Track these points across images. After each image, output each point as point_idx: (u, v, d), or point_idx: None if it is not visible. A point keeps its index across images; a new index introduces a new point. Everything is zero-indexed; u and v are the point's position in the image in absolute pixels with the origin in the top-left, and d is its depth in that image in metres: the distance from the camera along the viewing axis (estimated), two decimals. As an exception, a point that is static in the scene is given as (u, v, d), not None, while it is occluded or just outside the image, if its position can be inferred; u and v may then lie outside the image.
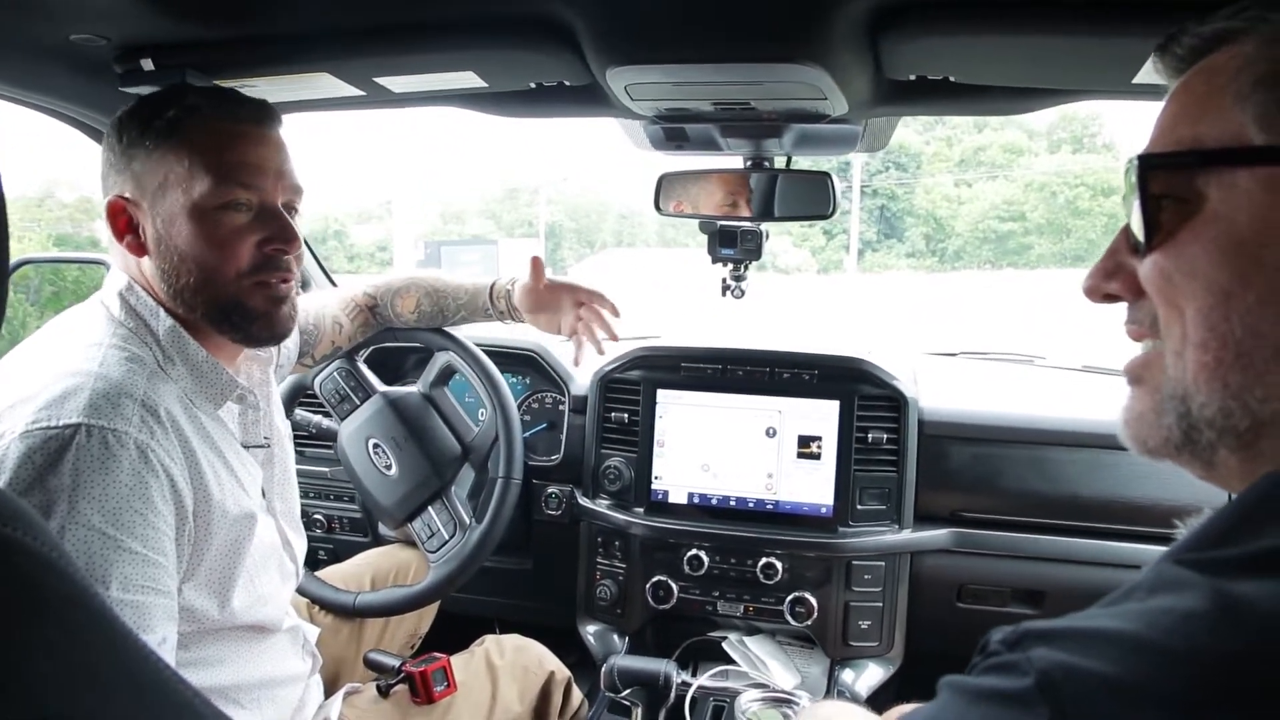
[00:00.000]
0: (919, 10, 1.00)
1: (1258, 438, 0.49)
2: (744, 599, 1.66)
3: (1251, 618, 0.38)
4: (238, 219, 1.03)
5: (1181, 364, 0.51)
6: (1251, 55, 0.50)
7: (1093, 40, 1.01)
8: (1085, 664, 0.39)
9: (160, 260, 1.03)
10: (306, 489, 1.93)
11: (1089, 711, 0.38)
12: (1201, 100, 0.52)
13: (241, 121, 1.05)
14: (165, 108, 1.03)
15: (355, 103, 1.38)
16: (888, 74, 1.18)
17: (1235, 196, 0.49)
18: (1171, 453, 0.54)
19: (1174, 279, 0.51)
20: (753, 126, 1.42)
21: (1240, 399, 0.49)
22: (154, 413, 0.94)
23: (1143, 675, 0.38)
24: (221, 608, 1.03)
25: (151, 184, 1.02)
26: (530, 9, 1.06)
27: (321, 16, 1.12)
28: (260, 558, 1.09)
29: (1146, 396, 0.55)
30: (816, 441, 1.64)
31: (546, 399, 1.92)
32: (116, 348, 0.98)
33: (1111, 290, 0.57)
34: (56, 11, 1.04)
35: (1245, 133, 0.49)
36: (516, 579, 1.91)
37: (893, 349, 1.94)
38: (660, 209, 1.58)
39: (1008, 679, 0.41)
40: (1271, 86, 0.48)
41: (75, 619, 0.42)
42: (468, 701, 1.40)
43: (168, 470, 0.93)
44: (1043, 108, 1.32)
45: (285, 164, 1.08)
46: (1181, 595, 0.40)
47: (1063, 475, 1.60)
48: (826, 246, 34.46)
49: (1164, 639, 0.38)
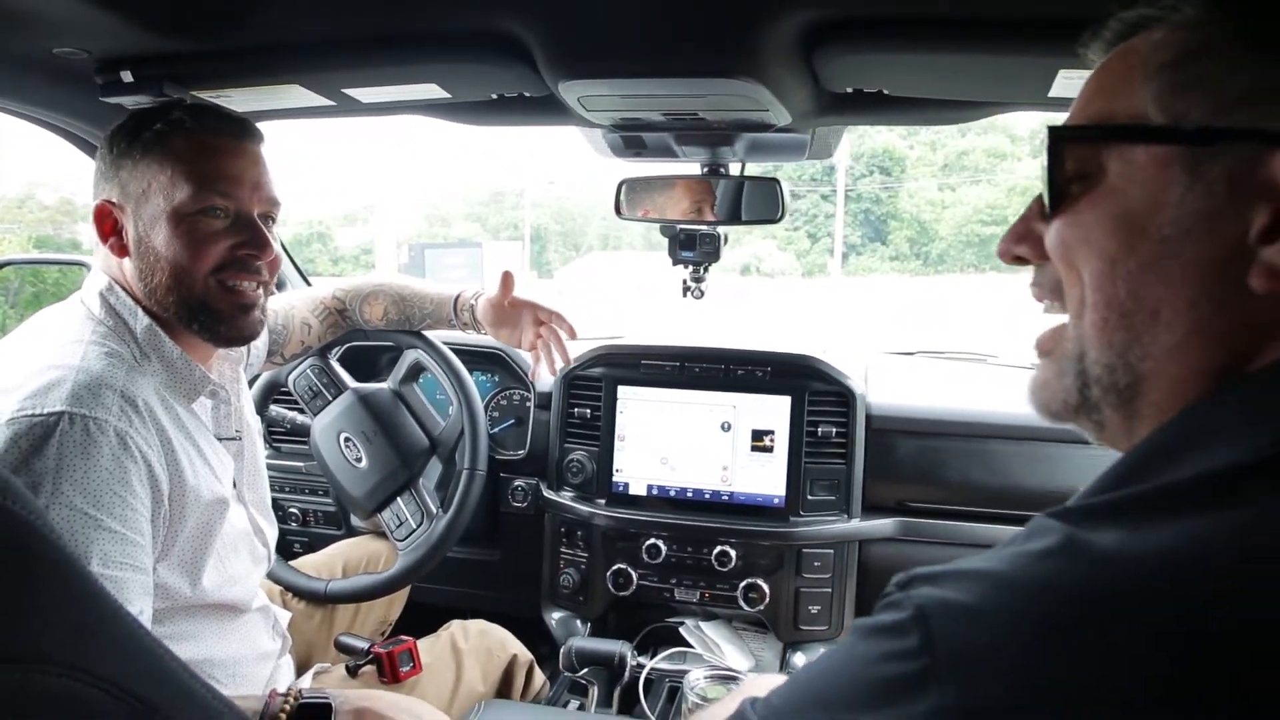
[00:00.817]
0: (849, 29, 1.07)
1: (1135, 395, 0.53)
2: (700, 585, 1.73)
3: (1090, 555, 0.42)
4: (214, 224, 1.10)
5: (1080, 324, 0.55)
6: (1161, 41, 0.53)
7: (1010, 59, 1.08)
8: (953, 597, 0.44)
9: (138, 260, 1.09)
10: (282, 483, 1.99)
11: (951, 636, 0.42)
12: (1115, 80, 0.55)
13: (222, 135, 1.12)
14: (153, 121, 1.10)
15: (326, 112, 1.44)
16: (825, 87, 1.25)
17: (1131, 171, 0.52)
18: (1070, 415, 0.58)
19: (1072, 245, 0.55)
20: (705, 135, 1.49)
21: (1124, 357, 0.53)
22: (133, 403, 1.01)
23: (998, 605, 0.42)
24: (193, 586, 1.09)
25: (136, 190, 1.08)
26: (487, 26, 1.13)
27: (291, 31, 1.18)
28: (231, 541, 1.15)
29: (1052, 364, 0.59)
30: (769, 435, 1.72)
31: (514, 396, 1.99)
32: (96, 344, 1.04)
33: (1020, 253, 0.61)
34: (40, 27, 1.10)
35: (1146, 112, 0.52)
36: (485, 569, 1.98)
37: (846, 348, 2.02)
38: (621, 213, 1.66)
39: (892, 614, 0.46)
40: (1173, 70, 0.51)
41: (61, 580, 0.47)
42: (433, 682, 1.47)
43: (145, 456, 0.99)
44: (975, 118, 1.40)
45: (263, 177, 1.14)
46: (1042, 539, 0.44)
47: (1004, 467, 1.69)
48: (811, 250, 34.63)
49: (1018, 574, 0.43)
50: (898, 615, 0.45)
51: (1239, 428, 0.47)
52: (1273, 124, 0.47)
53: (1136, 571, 0.41)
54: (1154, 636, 0.39)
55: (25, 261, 2.94)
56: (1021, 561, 0.44)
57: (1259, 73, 0.49)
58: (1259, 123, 0.48)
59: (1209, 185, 0.49)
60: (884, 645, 0.45)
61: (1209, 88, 0.50)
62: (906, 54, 1.10)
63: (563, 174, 39.03)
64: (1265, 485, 0.42)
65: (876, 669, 0.44)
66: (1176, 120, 0.51)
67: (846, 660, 0.47)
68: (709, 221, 1.62)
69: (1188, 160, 0.50)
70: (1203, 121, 0.50)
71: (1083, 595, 0.41)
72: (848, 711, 0.45)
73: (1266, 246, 0.47)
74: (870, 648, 0.46)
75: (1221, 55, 0.50)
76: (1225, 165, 0.49)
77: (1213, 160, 0.49)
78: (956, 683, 0.41)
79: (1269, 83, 0.48)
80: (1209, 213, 0.49)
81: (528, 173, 41.15)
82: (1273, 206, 0.47)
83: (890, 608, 0.46)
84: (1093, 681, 0.39)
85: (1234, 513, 0.41)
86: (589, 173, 38.26)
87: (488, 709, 1.25)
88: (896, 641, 0.44)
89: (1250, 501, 0.42)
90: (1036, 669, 0.40)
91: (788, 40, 1.09)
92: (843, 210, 33.35)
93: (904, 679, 0.43)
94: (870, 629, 0.47)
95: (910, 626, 0.44)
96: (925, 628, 0.43)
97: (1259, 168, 0.47)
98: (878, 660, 0.45)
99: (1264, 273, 0.47)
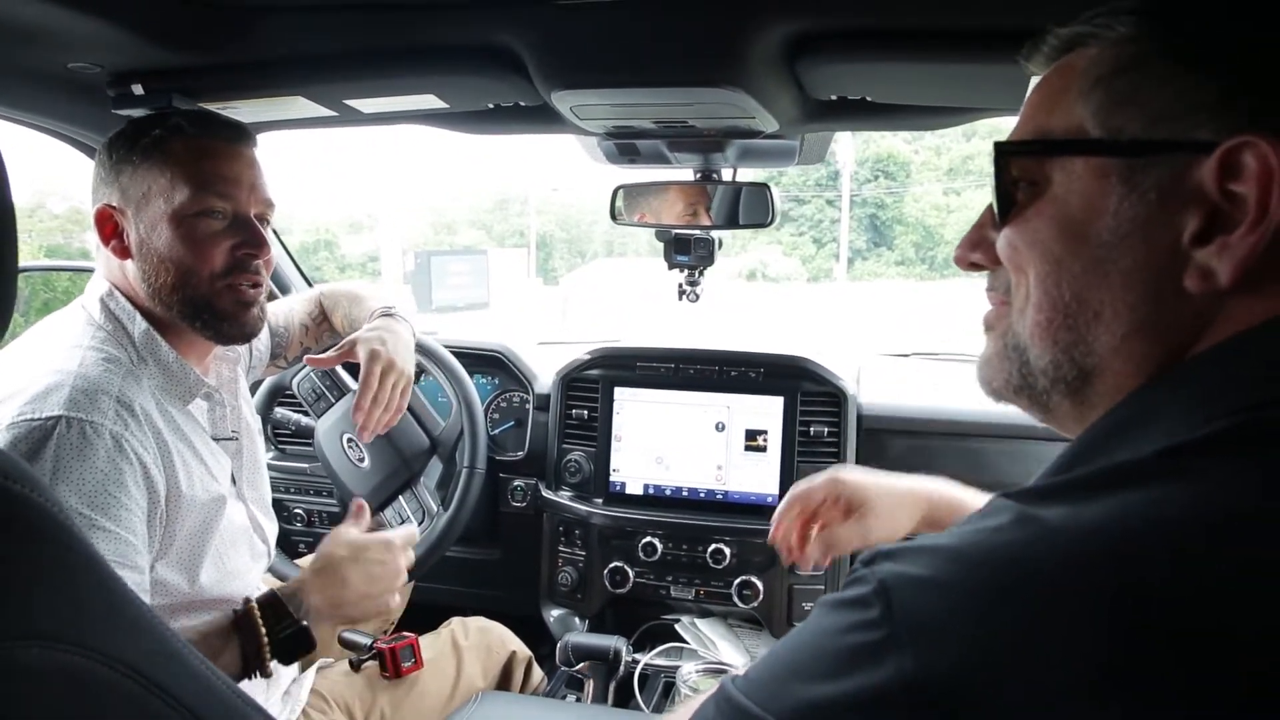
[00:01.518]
0: (830, 39, 1.10)
1: (1084, 385, 0.57)
2: (695, 583, 1.77)
3: (1037, 526, 0.44)
4: (213, 225, 1.14)
5: (1024, 321, 0.58)
6: (1095, 58, 0.56)
7: (986, 66, 1.12)
8: (911, 570, 0.46)
9: (141, 262, 1.13)
10: (288, 484, 2.03)
11: (909, 607, 0.45)
12: (1054, 95, 0.58)
13: (219, 140, 1.16)
14: (151, 127, 1.14)
15: (328, 122, 1.48)
16: (810, 94, 1.29)
17: (1072, 181, 0.55)
18: (1012, 395, 0.62)
19: (1020, 249, 0.58)
20: (696, 142, 1.52)
21: (1068, 354, 0.56)
22: (129, 408, 1.04)
23: (950, 575, 0.45)
24: (191, 583, 1.11)
25: (136, 194, 1.12)
26: (482, 39, 1.17)
27: (295, 46, 1.22)
28: (230, 538, 1.18)
29: (995, 342, 0.62)
30: (762, 435, 1.76)
31: (514, 398, 2.03)
32: (94, 349, 1.08)
33: (975, 259, 0.64)
34: (56, 43, 1.14)
35: (1084, 126, 0.55)
36: (485, 568, 2.02)
37: (841, 350, 2.05)
38: (616, 219, 1.69)
39: (857, 588, 0.48)
40: (1107, 86, 0.54)
41: (69, 561, 0.50)
42: (434, 678, 1.50)
43: (141, 459, 1.03)
44: (957, 123, 1.44)
45: (258, 179, 1.18)
46: (996, 517, 0.47)
47: (991, 464, 1.72)
48: (816, 255, 34.57)
49: (969, 547, 0.46)
50: (861, 589, 0.48)
51: (1178, 409, 0.50)
52: (1200, 135, 0.50)
53: (1078, 539, 0.43)
54: (1095, 600, 0.41)
55: (38, 268, 2.98)
56: (974, 536, 0.47)
57: (1186, 86, 0.51)
58: (1187, 134, 0.51)
59: (1143, 194, 0.52)
60: (849, 617, 0.47)
61: (1140, 102, 0.53)
62: (887, 63, 1.13)
63: (567, 180, 39.08)
64: (1200, 460, 0.45)
65: (842, 639, 0.47)
66: (1112, 134, 0.54)
67: (815, 633, 0.50)
68: (703, 226, 1.65)
69: (1123, 171, 0.53)
70: (1136, 134, 0.53)
71: (1027, 562, 0.44)
72: (817, 680, 0.47)
73: (1199, 249, 0.50)
74: (836, 620, 0.48)
75: (1151, 71, 0.53)
76: (1158, 175, 0.52)
77: (1146, 170, 0.52)
78: (914, 651, 0.43)
79: (1196, 96, 0.51)
80: (1145, 219, 0.52)
81: (533, 179, 41.20)
82: (1202, 212, 0.50)
83: (855, 583, 0.49)
84: (1038, 643, 0.41)
85: (1170, 486, 0.44)
86: (593, 179, 38.35)
87: (485, 700, 1.29)
88: (860, 613, 0.47)
89: (1185, 475, 0.45)
90: (985, 633, 0.43)
91: (771, 51, 1.12)
92: (848, 215, 33.33)
93: (867, 648, 0.45)
94: (836, 603, 0.50)
95: (872, 599, 0.46)
96: (886, 599, 0.46)
97: (1189, 176, 0.51)
98: (843, 631, 0.47)
99: (1197, 274, 0.51)
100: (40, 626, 0.46)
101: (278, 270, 2.03)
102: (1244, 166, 0.49)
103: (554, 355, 2.06)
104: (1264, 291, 0.50)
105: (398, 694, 1.43)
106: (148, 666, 0.52)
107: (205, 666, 0.58)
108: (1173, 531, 0.42)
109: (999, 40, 1.06)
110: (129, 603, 0.54)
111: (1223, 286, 0.50)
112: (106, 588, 0.52)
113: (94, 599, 0.51)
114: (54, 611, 0.48)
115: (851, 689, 0.45)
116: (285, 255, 2.07)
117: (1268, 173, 0.48)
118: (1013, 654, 0.42)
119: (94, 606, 0.51)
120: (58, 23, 1.06)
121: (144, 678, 0.51)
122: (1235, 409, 0.47)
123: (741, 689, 0.51)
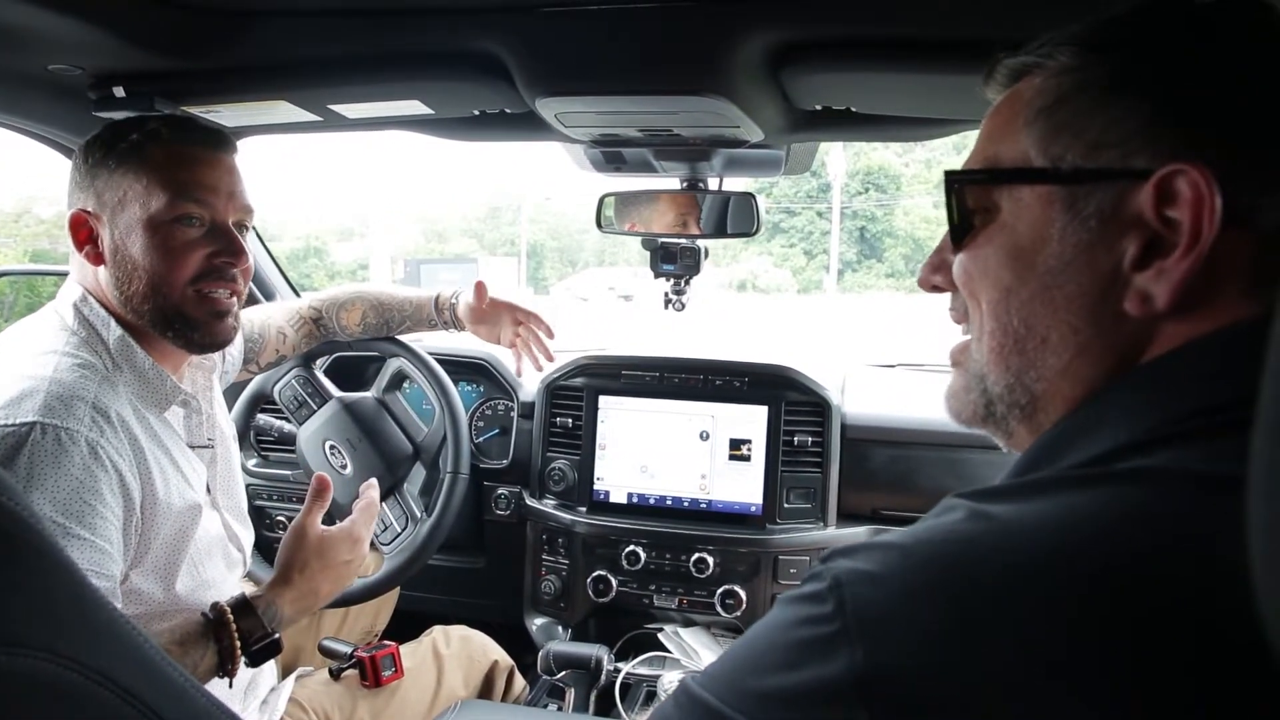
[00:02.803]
0: (814, 49, 1.11)
1: (1036, 410, 0.58)
2: (678, 592, 1.76)
3: (981, 522, 0.47)
4: (190, 233, 1.12)
5: (980, 348, 0.60)
6: (1039, 87, 0.57)
7: (968, 78, 1.12)
8: (863, 566, 0.48)
9: (115, 269, 1.11)
10: (270, 491, 2.02)
11: (859, 601, 0.46)
12: (1003, 124, 0.59)
13: (197, 145, 1.14)
14: (128, 132, 1.12)
15: (313, 127, 1.48)
16: (795, 104, 1.30)
17: (1020, 209, 0.57)
18: (979, 423, 0.63)
19: (973, 275, 0.60)
20: (682, 151, 1.53)
21: (1020, 379, 0.58)
22: (104, 414, 1.02)
23: (898, 569, 0.46)
24: (166, 590, 1.10)
25: (112, 199, 1.11)
26: (466, 45, 1.17)
27: (279, 50, 1.22)
28: (205, 546, 1.16)
29: (961, 376, 0.64)
30: (747, 444, 1.76)
31: (499, 406, 2.03)
32: (69, 355, 1.06)
33: (936, 281, 0.66)
34: (37, 45, 1.13)
35: (1028, 155, 0.56)
36: (469, 577, 2.01)
37: (826, 360, 2.05)
38: (602, 227, 1.70)
39: (813, 584, 0.49)
40: (1049, 116, 0.56)
41: (42, 567, 0.49)
42: (414, 687, 1.49)
43: (116, 466, 1.01)
44: (942, 135, 1.44)
45: (237, 186, 1.17)
46: (947, 515, 0.49)
47: (975, 475, 1.72)
48: (807, 267, 34.70)
49: (918, 544, 0.47)
50: (816, 585, 0.49)
51: (1117, 420, 0.51)
52: (1136, 163, 0.52)
53: (1024, 533, 0.45)
54: (1039, 594, 0.42)
55: (20, 272, 2.97)
56: (925, 533, 0.48)
57: (1122, 114, 0.53)
58: (1124, 162, 0.52)
59: (1085, 220, 0.54)
60: (803, 611, 0.49)
61: (1079, 130, 0.54)
62: (871, 73, 1.14)
63: (561, 189, 39.15)
64: (1139, 464, 0.47)
65: (796, 633, 0.48)
66: (1054, 162, 0.55)
67: (772, 627, 0.51)
68: (690, 235, 1.66)
69: (1065, 199, 0.55)
70: (1076, 163, 0.54)
71: (973, 556, 0.45)
72: (773, 673, 0.48)
73: (1138, 274, 0.52)
74: (791, 614, 0.50)
75: (1090, 99, 0.54)
76: (1098, 202, 0.53)
77: (1087, 198, 0.54)
78: (864, 644, 0.44)
79: (1130, 124, 0.52)
80: (1086, 245, 0.54)
81: (524, 188, 41.29)
82: (1141, 237, 0.52)
83: (811, 579, 0.50)
84: (983, 635, 0.43)
85: (1109, 487, 0.46)
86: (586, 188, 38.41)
87: (465, 709, 1.28)
88: (814, 608, 0.48)
89: (1123, 477, 0.47)
90: (931, 627, 0.44)
91: (754, 59, 1.13)
92: (838, 227, 33.49)
93: (819, 642, 0.46)
94: (793, 599, 0.51)
95: (826, 595, 0.47)
96: (839, 595, 0.47)
97: (1127, 203, 0.52)
98: (797, 625, 0.48)
99: (1137, 298, 0.52)
100: (11, 632, 0.45)
101: (261, 275, 2.02)
102: (1178, 193, 0.50)
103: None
104: (1193, 315, 0.51)
105: (377, 703, 1.42)
106: (121, 674, 0.51)
107: (180, 674, 0.57)
108: (1115, 528, 0.44)
109: (983, 52, 1.06)
110: (102, 609, 0.53)
111: (1159, 310, 0.51)
112: (80, 595, 0.52)
113: (67, 606, 0.50)
114: (25, 618, 0.47)
115: (804, 681, 0.46)
116: (270, 262, 2.07)
117: (1199, 199, 0.49)
118: (959, 647, 0.43)
119: (67, 613, 0.50)
120: (39, 24, 1.05)
121: (117, 685, 0.51)
122: (1170, 418, 0.49)
123: (700, 683, 0.52)
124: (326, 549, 1.20)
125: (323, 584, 1.19)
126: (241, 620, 1.09)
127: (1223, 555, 0.41)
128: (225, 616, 1.08)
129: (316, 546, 1.20)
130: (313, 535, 1.21)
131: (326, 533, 1.22)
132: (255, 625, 1.10)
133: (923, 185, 34.70)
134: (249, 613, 1.10)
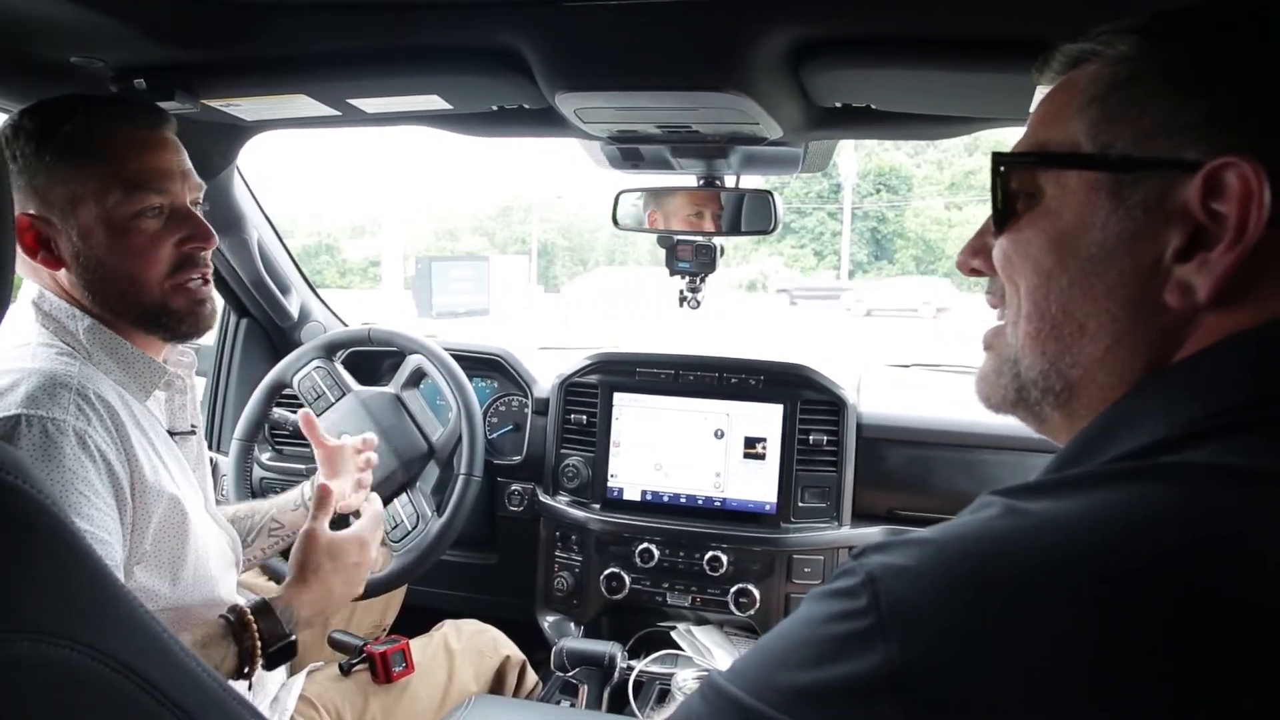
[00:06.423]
0: (834, 46, 1.11)
1: (1072, 397, 0.58)
2: (691, 590, 1.76)
3: (1018, 517, 0.47)
4: (153, 224, 1.07)
5: (1016, 333, 0.61)
6: (1095, 74, 0.58)
7: (990, 76, 1.12)
8: (898, 560, 0.47)
9: (83, 273, 1.06)
10: (284, 485, 2.00)
11: (894, 595, 0.46)
12: (1055, 110, 0.60)
13: (141, 127, 1.09)
14: (57, 121, 1.04)
15: (331, 121, 1.48)
16: (814, 101, 1.29)
17: (1064, 195, 0.57)
18: (1009, 408, 0.64)
19: (1013, 259, 0.60)
20: (700, 148, 1.53)
21: (1056, 365, 0.58)
22: (89, 401, 0.99)
23: (933, 563, 0.46)
24: (173, 584, 1.07)
25: (60, 199, 1.04)
26: (486, 40, 1.16)
27: (299, 45, 1.22)
28: (201, 539, 1.13)
29: (993, 359, 0.64)
30: (761, 443, 1.75)
31: (513, 402, 2.03)
32: (45, 345, 1.03)
33: (975, 265, 0.66)
34: (61, 37, 1.14)
35: (1078, 141, 0.57)
36: (481, 573, 2.01)
37: (840, 359, 2.05)
38: (618, 223, 1.69)
39: (846, 580, 0.49)
40: (1103, 103, 0.56)
41: (61, 554, 0.50)
42: (425, 682, 1.48)
43: (104, 454, 0.97)
44: (961, 134, 1.44)
45: (186, 163, 1.12)
46: (983, 510, 0.49)
47: (991, 476, 1.71)
48: (817, 267, 34.64)
49: (953, 539, 0.47)
50: (850, 580, 0.48)
51: (1158, 414, 0.51)
52: (1187, 154, 0.52)
53: (1060, 529, 0.45)
54: (1076, 591, 0.42)
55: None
56: (961, 528, 0.48)
57: (1176, 106, 0.53)
58: (1175, 153, 0.52)
59: (1130, 209, 0.54)
60: (836, 606, 0.48)
61: (1132, 119, 0.55)
62: (891, 70, 1.14)
63: (571, 188, 39.17)
64: (1179, 459, 0.47)
65: (830, 628, 0.47)
66: (1103, 149, 0.56)
67: (804, 622, 0.50)
68: (707, 232, 1.65)
69: (1112, 186, 0.55)
70: (1125, 151, 0.54)
71: (1009, 552, 0.45)
72: (804, 668, 0.47)
73: (1180, 266, 0.52)
74: (824, 609, 0.49)
75: (1145, 89, 0.54)
76: (1145, 191, 0.53)
77: (1134, 187, 0.54)
78: (899, 638, 0.44)
79: (1185, 116, 0.53)
80: (1130, 234, 0.54)
81: (536, 187, 41.35)
82: (1186, 229, 0.52)
83: (844, 574, 0.50)
84: (1018, 632, 0.42)
85: (1147, 483, 0.46)
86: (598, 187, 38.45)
87: (476, 704, 1.28)
88: (847, 603, 0.47)
89: (1163, 473, 0.46)
90: (967, 622, 0.43)
91: (775, 56, 1.12)
92: (849, 228, 33.44)
93: (854, 636, 0.46)
94: (825, 593, 0.50)
95: (860, 590, 0.47)
96: (873, 589, 0.46)
97: (1174, 194, 0.52)
98: (831, 620, 0.48)
99: (1178, 289, 0.52)
100: (31, 620, 0.46)
101: (275, 270, 2.03)
102: (1226, 186, 0.50)
103: (554, 360, 2.05)
104: (1232, 308, 0.51)
105: (388, 699, 1.41)
106: (139, 663, 0.52)
107: (197, 664, 0.57)
108: (1154, 525, 0.43)
109: (1005, 50, 1.07)
110: (121, 598, 0.53)
111: (1200, 302, 0.52)
112: (99, 582, 0.52)
113: (86, 593, 0.51)
114: (45, 605, 0.47)
115: (839, 676, 0.45)
116: (286, 257, 2.07)
117: (1248, 193, 0.49)
118: (994, 642, 0.43)
119: (86, 601, 0.50)
120: (64, 16, 1.05)
121: (136, 674, 0.51)
122: (1211, 412, 0.49)
123: (728, 679, 0.52)
124: (337, 551, 1.21)
125: (336, 585, 1.20)
126: (261, 622, 1.09)
127: (1264, 551, 0.41)
128: (246, 618, 1.08)
129: (327, 549, 1.20)
130: (323, 538, 1.21)
131: (336, 536, 1.22)
132: (274, 626, 1.10)
133: (934, 186, 34.61)
134: (268, 614, 1.10)
